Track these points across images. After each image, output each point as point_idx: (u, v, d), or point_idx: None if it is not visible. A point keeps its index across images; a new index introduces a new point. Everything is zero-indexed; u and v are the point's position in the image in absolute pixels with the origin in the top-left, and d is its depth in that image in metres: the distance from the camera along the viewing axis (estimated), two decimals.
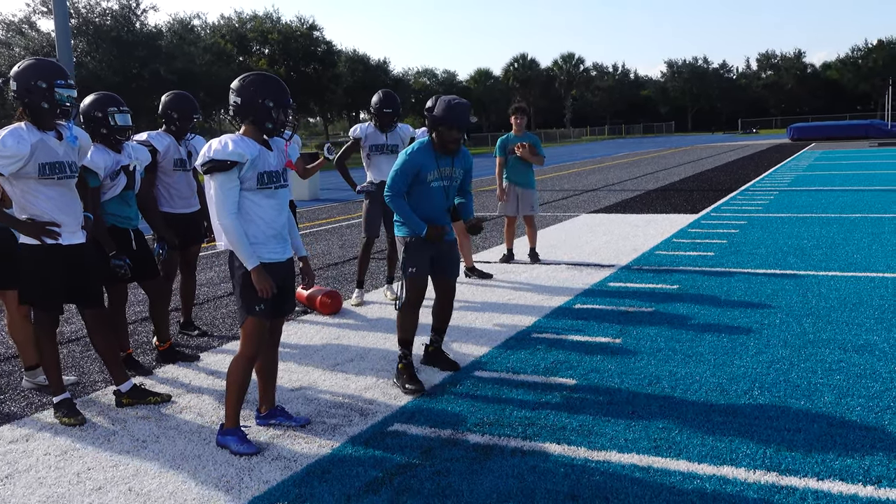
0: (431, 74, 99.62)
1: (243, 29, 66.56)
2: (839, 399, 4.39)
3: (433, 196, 4.92)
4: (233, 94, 3.97)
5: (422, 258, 4.94)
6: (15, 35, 50.82)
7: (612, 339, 5.74)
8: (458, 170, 5.00)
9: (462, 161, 5.02)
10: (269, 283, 3.90)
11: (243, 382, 4.02)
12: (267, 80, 3.98)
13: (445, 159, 4.91)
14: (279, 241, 4.04)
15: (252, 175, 3.88)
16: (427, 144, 4.90)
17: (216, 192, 3.85)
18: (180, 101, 5.93)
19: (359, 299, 7.38)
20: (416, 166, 4.83)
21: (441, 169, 4.89)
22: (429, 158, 4.86)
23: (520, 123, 8.98)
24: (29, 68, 4.28)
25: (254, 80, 3.96)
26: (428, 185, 4.88)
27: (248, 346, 4.00)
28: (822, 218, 11.86)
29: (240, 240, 3.86)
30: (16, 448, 4.22)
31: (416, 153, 4.86)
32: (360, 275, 7.44)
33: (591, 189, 19.24)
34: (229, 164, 3.80)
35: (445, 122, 4.78)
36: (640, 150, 45.02)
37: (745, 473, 3.55)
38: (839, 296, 6.79)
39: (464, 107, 4.82)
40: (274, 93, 3.94)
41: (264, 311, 3.97)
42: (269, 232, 3.97)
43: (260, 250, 3.95)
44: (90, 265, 4.59)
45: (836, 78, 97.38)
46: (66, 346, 6.22)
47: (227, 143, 3.81)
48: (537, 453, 3.86)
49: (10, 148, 4.11)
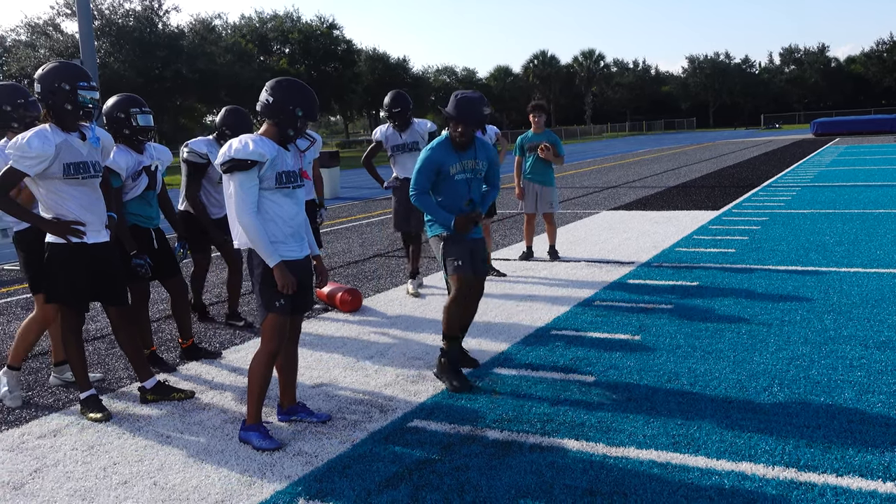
0: (451, 72, 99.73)
1: (264, 29, 66.95)
2: (860, 395, 4.38)
3: (457, 188, 4.91)
4: (266, 91, 4.02)
5: (463, 250, 4.89)
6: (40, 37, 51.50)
7: (632, 336, 5.74)
8: (482, 161, 4.97)
9: (485, 152, 5.00)
10: (292, 280, 3.97)
11: (265, 379, 4.07)
12: (303, 90, 4.03)
13: (467, 152, 4.93)
14: (297, 239, 4.09)
15: (271, 175, 3.94)
16: (445, 140, 4.93)
17: (236, 191, 3.90)
18: (232, 117, 6.26)
19: (415, 289, 7.66)
20: (436, 163, 4.85)
21: (463, 162, 4.90)
22: (448, 153, 4.88)
23: (538, 122, 8.98)
24: (53, 71, 4.36)
25: (291, 85, 4.02)
26: (452, 178, 4.89)
27: (269, 342, 4.05)
28: (845, 214, 11.75)
29: (261, 237, 3.91)
30: (44, 443, 4.30)
31: (434, 150, 4.89)
32: (412, 265, 7.74)
33: (611, 186, 19.18)
34: (249, 164, 3.85)
35: (453, 117, 4.84)
36: (661, 147, 44.77)
37: (763, 469, 3.55)
38: (861, 292, 6.74)
39: (471, 102, 4.82)
40: (306, 104, 4.00)
41: (284, 307, 4.02)
42: (287, 230, 4.03)
43: (280, 248, 4.00)
44: (114, 264, 4.67)
45: (861, 72, 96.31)
46: (91, 343, 6.31)
47: (248, 143, 3.87)
48: (556, 449, 3.88)
49: (35, 149, 4.19)
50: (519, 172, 9.08)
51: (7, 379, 4.97)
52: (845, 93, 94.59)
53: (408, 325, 6.45)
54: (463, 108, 4.81)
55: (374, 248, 10.82)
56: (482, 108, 4.84)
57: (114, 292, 4.65)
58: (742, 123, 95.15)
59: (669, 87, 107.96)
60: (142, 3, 52.22)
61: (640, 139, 66.78)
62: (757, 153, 31.25)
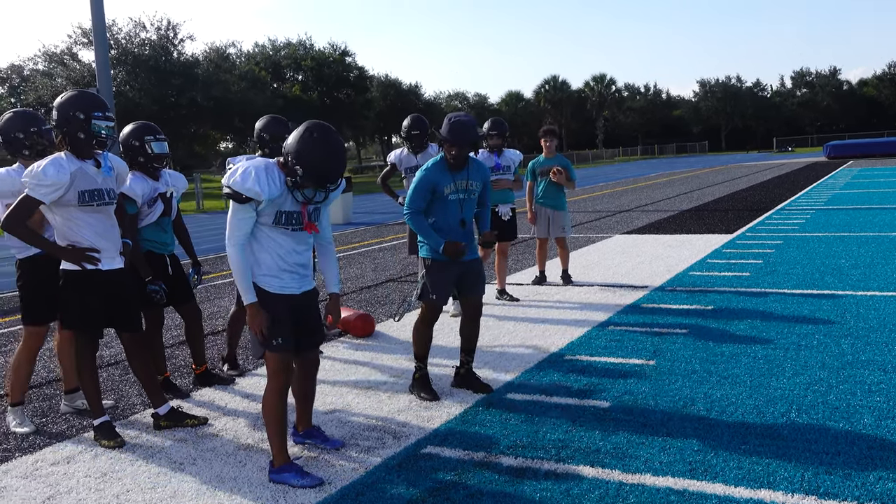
0: (463, 97, 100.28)
1: (277, 56, 67.63)
2: (879, 421, 4.31)
3: (448, 208, 5.03)
4: (292, 142, 3.73)
5: (443, 281, 5.05)
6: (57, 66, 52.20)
7: (646, 361, 5.70)
8: (475, 182, 5.10)
9: (478, 173, 5.13)
10: (263, 322, 3.77)
11: (280, 415, 3.92)
12: (327, 149, 3.69)
13: (461, 173, 5.04)
14: (294, 275, 3.91)
15: (270, 212, 3.77)
16: (441, 160, 5.07)
17: (229, 218, 3.77)
18: (272, 124, 6.04)
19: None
20: (431, 183, 4.98)
21: (457, 182, 5.02)
22: (443, 174, 5.01)
23: (550, 146, 9.00)
24: (70, 99, 4.42)
25: (318, 142, 3.68)
26: (445, 198, 5.02)
27: (273, 378, 3.91)
28: (859, 237, 11.67)
29: (242, 272, 3.75)
30: (57, 470, 4.30)
31: (429, 170, 5.02)
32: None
33: (624, 210, 19.15)
34: (244, 198, 3.69)
35: (446, 139, 4.98)
36: (673, 170, 44.73)
37: (783, 497, 3.49)
38: (878, 316, 6.67)
39: (463, 125, 4.96)
40: (326, 169, 3.70)
41: (282, 346, 3.86)
42: (282, 265, 3.85)
43: (270, 281, 3.84)
44: (129, 290, 4.68)
45: (874, 95, 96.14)
46: (105, 369, 6.32)
47: (250, 176, 3.67)
48: (571, 476, 3.84)
49: (50, 177, 4.23)
50: (531, 197, 9.09)
51: (13, 416, 4.99)
52: (858, 115, 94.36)
53: None
54: (456, 131, 4.95)
55: (387, 273, 10.82)
56: (475, 130, 5.02)
57: (128, 318, 4.66)
58: (754, 147, 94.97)
59: (681, 110, 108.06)
60: (157, 32, 52.91)
61: (651, 163, 66.77)
62: (770, 176, 31.16)
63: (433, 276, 5.06)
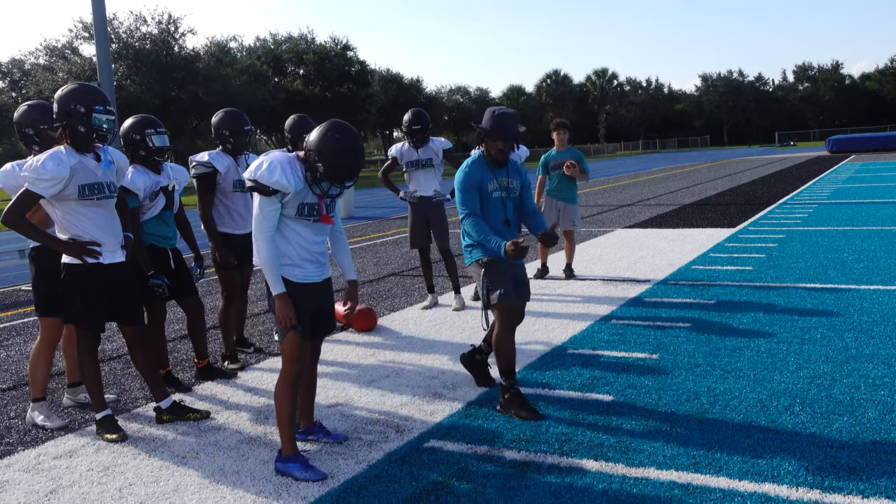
0: (464, 92, 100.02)
1: (278, 50, 67.45)
2: (883, 415, 4.30)
3: (492, 207, 4.82)
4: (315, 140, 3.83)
5: (504, 277, 4.72)
6: (58, 60, 52.12)
7: (649, 355, 5.69)
8: (514, 181, 4.90)
9: (517, 174, 4.94)
10: (290, 313, 3.87)
11: (291, 404, 3.96)
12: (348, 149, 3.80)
13: (501, 170, 4.86)
14: (315, 264, 4.02)
15: (294, 204, 3.87)
16: (479, 158, 4.86)
17: (256, 212, 3.87)
18: (231, 119, 6.00)
19: (432, 301, 7.94)
20: (476, 180, 4.77)
21: (500, 180, 4.82)
22: (485, 171, 4.80)
23: (562, 139, 8.98)
24: (70, 92, 4.39)
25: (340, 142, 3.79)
26: (490, 195, 4.81)
27: (288, 365, 3.96)
28: (862, 231, 11.65)
29: (271, 264, 3.85)
30: (60, 464, 4.29)
31: (471, 168, 4.81)
32: (428, 281, 7.96)
33: (626, 204, 19.12)
34: (270, 191, 3.79)
35: (490, 133, 4.77)
36: (675, 165, 44.67)
37: (787, 491, 3.48)
38: (882, 310, 6.66)
39: (507, 117, 4.76)
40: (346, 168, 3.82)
41: (300, 329, 3.96)
42: (303, 255, 3.96)
43: (294, 271, 3.94)
44: (130, 284, 4.67)
45: (876, 89, 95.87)
46: (107, 363, 6.32)
47: (276, 169, 3.76)
48: (574, 470, 3.83)
49: (50, 171, 4.21)
50: (541, 190, 9.07)
51: (38, 412, 4.96)
52: (860, 110, 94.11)
53: (423, 344, 6.42)
54: (500, 124, 4.74)
55: (389, 268, 10.81)
56: (517, 123, 4.81)
57: (129, 312, 4.65)
58: (756, 141, 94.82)
59: (683, 105, 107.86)
60: (158, 26, 52.80)
61: (653, 157, 66.68)
62: (772, 170, 31.11)
63: (492, 275, 4.71)
